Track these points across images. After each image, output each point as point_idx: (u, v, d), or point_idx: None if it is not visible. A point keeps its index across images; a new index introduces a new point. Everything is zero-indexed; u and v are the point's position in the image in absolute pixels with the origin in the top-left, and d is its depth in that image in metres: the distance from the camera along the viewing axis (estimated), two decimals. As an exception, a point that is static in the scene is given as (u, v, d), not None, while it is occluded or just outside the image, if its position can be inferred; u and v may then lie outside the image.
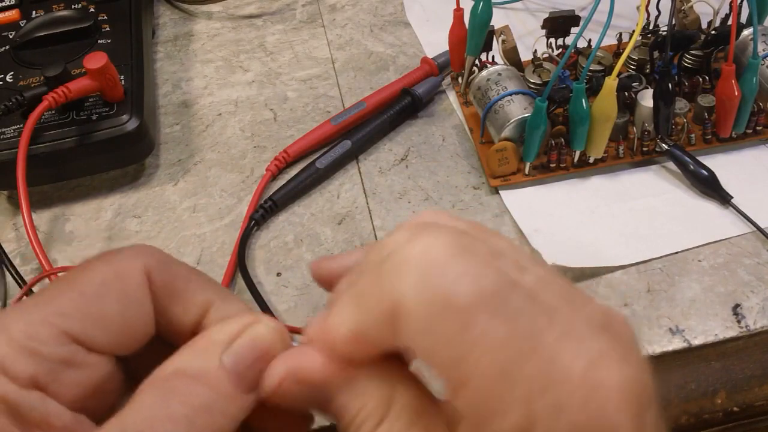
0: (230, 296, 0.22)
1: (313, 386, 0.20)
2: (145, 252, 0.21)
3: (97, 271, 0.20)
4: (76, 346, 0.19)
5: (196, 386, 0.19)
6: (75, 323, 0.19)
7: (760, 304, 0.32)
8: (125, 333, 0.21)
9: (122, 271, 0.21)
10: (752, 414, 0.30)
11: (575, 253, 0.35)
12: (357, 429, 0.19)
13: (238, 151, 0.42)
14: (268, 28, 0.50)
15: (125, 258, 0.21)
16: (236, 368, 0.19)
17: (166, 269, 0.21)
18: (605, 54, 0.41)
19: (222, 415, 0.19)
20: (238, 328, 0.20)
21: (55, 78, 0.37)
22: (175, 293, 0.21)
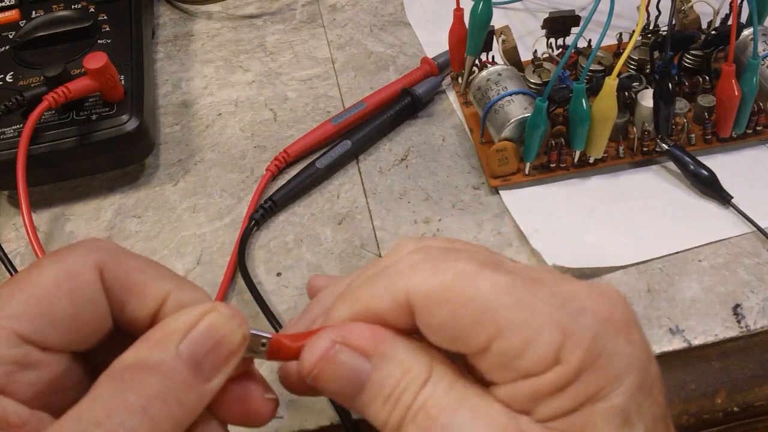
0: (187, 284, 0.22)
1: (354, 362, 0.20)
2: (97, 247, 0.21)
3: (47, 271, 0.20)
4: (29, 347, 0.20)
5: (151, 376, 0.19)
6: (26, 325, 0.20)
7: (760, 304, 0.32)
8: (79, 330, 0.21)
9: (73, 270, 0.21)
10: (752, 414, 0.30)
11: (575, 253, 0.35)
12: (401, 394, 0.20)
13: (238, 151, 0.42)
14: (268, 28, 0.50)
15: (76, 256, 0.21)
16: (193, 357, 0.20)
17: (118, 263, 0.21)
18: (605, 54, 0.41)
19: (178, 403, 0.19)
20: (193, 317, 0.20)
21: (55, 78, 0.37)
22: (130, 286, 0.21)
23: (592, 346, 0.19)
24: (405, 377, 0.20)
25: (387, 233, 0.37)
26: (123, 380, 0.19)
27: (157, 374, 0.19)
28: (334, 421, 0.30)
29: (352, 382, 0.21)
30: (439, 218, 0.37)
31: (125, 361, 0.19)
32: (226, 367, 0.20)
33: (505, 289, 0.19)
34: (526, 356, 0.19)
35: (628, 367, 0.19)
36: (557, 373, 0.19)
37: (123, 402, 0.18)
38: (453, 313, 0.20)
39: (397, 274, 0.21)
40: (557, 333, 0.19)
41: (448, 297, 0.20)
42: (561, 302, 0.19)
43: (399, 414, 0.20)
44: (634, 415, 0.19)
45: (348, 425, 0.30)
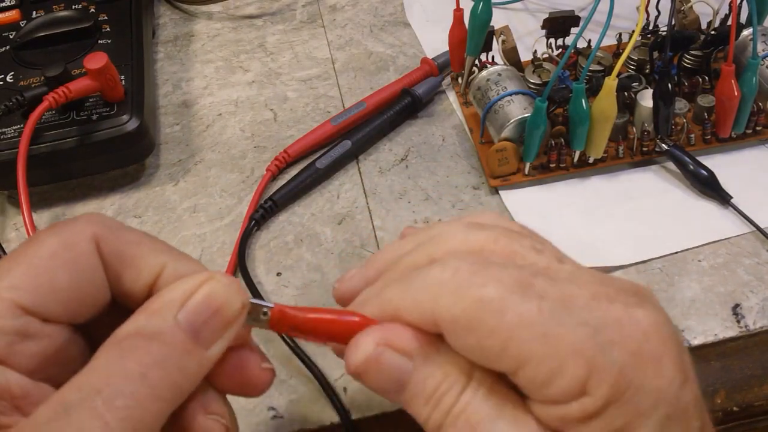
0: (183, 256, 0.22)
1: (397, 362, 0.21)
2: (94, 220, 0.22)
3: (45, 242, 0.21)
4: (30, 318, 0.20)
5: (150, 344, 0.19)
6: (26, 295, 0.20)
7: (759, 304, 0.32)
8: (78, 301, 0.21)
9: (70, 241, 0.21)
10: (752, 414, 0.30)
11: (575, 253, 0.34)
12: (441, 396, 0.20)
13: (239, 151, 0.42)
14: (268, 28, 0.50)
15: (73, 228, 0.21)
16: (192, 325, 0.20)
17: (115, 235, 0.22)
18: (605, 54, 0.41)
19: (178, 370, 0.19)
20: (192, 286, 0.20)
21: (55, 78, 0.37)
22: (126, 258, 0.22)
23: (618, 380, 0.19)
24: (446, 380, 0.20)
25: (387, 233, 0.37)
26: (121, 348, 0.19)
27: (156, 342, 0.19)
28: (334, 421, 0.30)
29: (394, 381, 0.21)
30: (439, 218, 0.37)
31: (124, 331, 0.20)
32: (226, 335, 0.21)
33: (531, 320, 0.19)
34: (552, 386, 0.19)
35: (656, 401, 0.19)
36: (583, 404, 0.19)
37: (122, 369, 0.18)
38: (478, 342, 0.20)
39: (425, 290, 0.21)
40: (583, 366, 0.19)
41: (474, 326, 0.20)
42: (589, 332, 0.19)
43: (439, 416, 0.20)
44: None
45: (348, 425, 0.30)
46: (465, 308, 0.20)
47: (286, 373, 0.32)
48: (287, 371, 0.32)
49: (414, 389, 0.21)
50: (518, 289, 0.20)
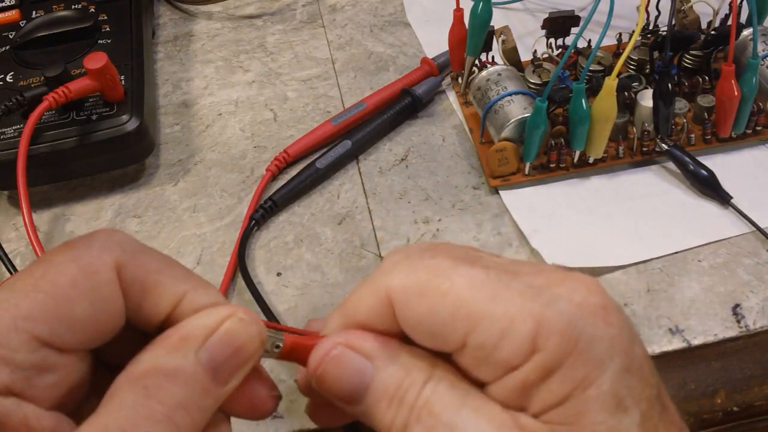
0: (203, 285, 0.22)
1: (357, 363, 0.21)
2: (114, 243, 0.21)
3: (64, 269, 0.20)
4: (48, 350, 0.19)
5: (174, 384, 0.19)
6: (45, 327, 0.19)
7: (759, 304, 0.32)
8: (96, 330, 0.20)
9: (91, 269, 0.20)
10: (752, 414, 0.30)
11: (575, 253, 0.35)
12: (404, 394, 0.20)
13: (238, 151, 0.42)
14: (268, 28, 0.50)
15: (94, 253, 0.20)
16: (212, 364, 0.20)
17: (136, 262, 0.21)
18: (605, 54, 0.41)
19: (198, 409, 0.19)
20: (213, 322, 0.20)
21: (55, 78, 0.37)
22: (147, 286, 0.21)
23: (568, 331, 0.19)
24: (407, 377, 0.20)
25: (387, 233, 0.37)
26: (146, 387, 0.19)
27: (179, 382, 0.19)
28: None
29: (355, 384, 0.21)
30: (439, 218, 0.37)
31: (144, 366, 0.19)
32: (243, 372, 0.21)
33: (479, 282, 0.20)
34: (503, 347, 0.19)
35: (610, 350, 0.19)
36: (537, 361, 0.19)
37: (148, 411, 0.18)
38: (430, 308, 0.20)
39: (379, 274, 0.21)
40: (531, 321, 0.19)
41: (425, 292, 0.20)
42: (535, 291, 0.19)
43: (404, 414, 0.20)
44: (627, 399, 0.19)
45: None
46: (417, 276, 0.20)
47: (286, 373, 0.32)
48: (287, 371, 0.32)
49: (376, 391, 0.21)
50: (467, 260, 0.20)
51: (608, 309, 0.19)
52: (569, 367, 0.19)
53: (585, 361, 0.19)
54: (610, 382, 0.19)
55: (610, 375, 0.19)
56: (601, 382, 0.18)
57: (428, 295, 0.20)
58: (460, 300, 0.20)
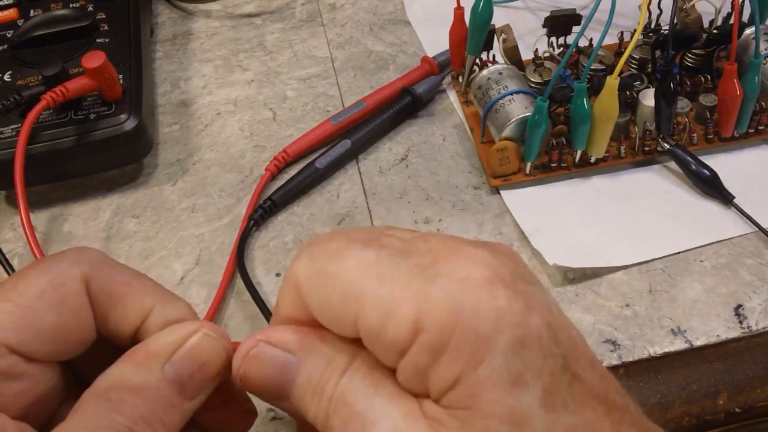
0: (171, 298, 0.23)
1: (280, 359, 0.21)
2: (83, 258, 0.22)
3: (33, 281, 0.20)
4: (15, 357, 0.20)
5: (137, 398, 0.19)
6: (12, 335, 0.20)
7: (762, 304, 0.32)
8: (65, 341, 0.21)
9: (59, 281, 0.21)
10: (754, 415, 0.30)
11: (576, 253, 0.34)
12: (325, 383, 0.20)
13: (237, 151, 0.42)
14: (267, 27, 0.50)
15: (62, 266, 0.21)
16: (178, 379, 0.20)
17: (104, 275, 0.22)
18: (606, 53, 0.41)
19: (162, 424, 0.19)
20: (179, 338, 0.21)
21: (53, 77, 0.37)
22: (115, 298, 0.22)
23: (448, 307, 0.18)
24: (327, 368, 0.20)
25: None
26: (109, 400, 0.19)
27: (143, 395, 0.19)
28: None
29: (279, 379, 0.21)
30: (439, 218, 0.37)
31: (110, 380, 0.20)
32: (210, 387, 0.21)
33: (368, 264, 0.19)
34: (388, 330, 0.18)
35: (497, 324, 0.18)
36: (422, 342, 0.18)
37: (110, 423, 0.18)
38: (324, 293, 0.20)
39: (292, 265, 0.21)
40: (412, 301, 0.18)
41: (320, 278, 0.20)
42: (420, 270, 0.19)
43: (324, 405, 0.20)
44: (526, 374, 0.18)
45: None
46: (314, 260, 0.20)
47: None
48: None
49: (301, 385, 0.20)
50: (362, 242, 0.20)
51: (494, 282, 0.18)
52: (455, 346, 0.18)
53: (470, 339, 0.18)
54: (502, 357, 0.17)
55: (502, 350, 0.17)
56: (491, 359, 0.17)
57: (323, 280, 0.20)
58: (348, 283, 0.19)
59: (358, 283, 0.19)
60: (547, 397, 0.18)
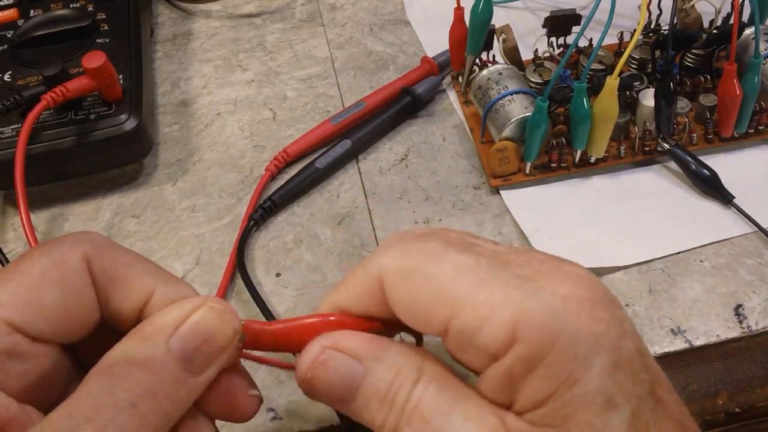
0: (173, 280, 0.22)
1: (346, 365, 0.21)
2: (85, 239, 0.21)
3: (35, 261, 0.21)
4: (19, 336, 0.20)
5: (141, 373, 0.19)
6: (16, 313, 0.20)
7: (762, 304, 0.32)
8: (68, 321, 0.21)
9: (61, 260, 0.21)
10: (754, 415, 0.30)
11: (576, 253, 0.34)
12: (394, 395, 0.20)
13: (237, 151, 0.42)
14: (267, 27, 0.50)
15: (64, 246, 0.21)
16: (183, 352, 0.20)
17: (105, 255, 0.21)
18: (606, 53, 0.41)
19: (168, 399, 0.19)
20: (184, 312, 0.20)
21: (53, 77, 0.37)
22: (116, 279, 0.21)
23: (549, 324, 0.18)
24: (397, 377, 0.20)
25: (387, 233, 0.37)
26: (112, 376, 0.19)
27: (147, 370, 0.19)
28: (333, 423, 0.30)
29: (345, 386, 0.21)
30: (439, 218, 0.37)
31: (114, 356, 0.19)
32: (217, 362, 0.21)
33: (467, 269, 0.20)
34: (483, 334, 0.19)
35: (596, 346, 0.18)
36: (517, 352, 0.18)
37: (112, 398, 0.18)
38: (415, 290, 0.20)
39: (373, 256, 0.21)
40: (511, 310, 0.18)
41: (412, 275, 0.20)
42: (521, 282, 0.19)
43: (395, 416, 0.20)
44: (617, 396, 0.18)
45: (347, 427, 0.29)
46: (407, 258, 0.20)
47: (285, 374, 0.31)
48: (286, 372, 0.31)
49: (367, 392, 0.21)
50: (460, 247, 0.20)
51: (595, 303, 0.19)
52: (552, 363, 0.18)
53: (569, 358, 0.18)
54: (597, 379, 0.18)
55: (598, 372, 0.18)
56: (587, 380, 0.18)
57: (415, 278, 0.20)
58: (444, 284, 0.20)
59: (456, 285, 0.19)
60: (635, 421, 0.18)
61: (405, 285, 0.20)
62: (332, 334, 0.21)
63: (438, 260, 0.20)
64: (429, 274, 0.20)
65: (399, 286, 0.20)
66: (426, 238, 0.21)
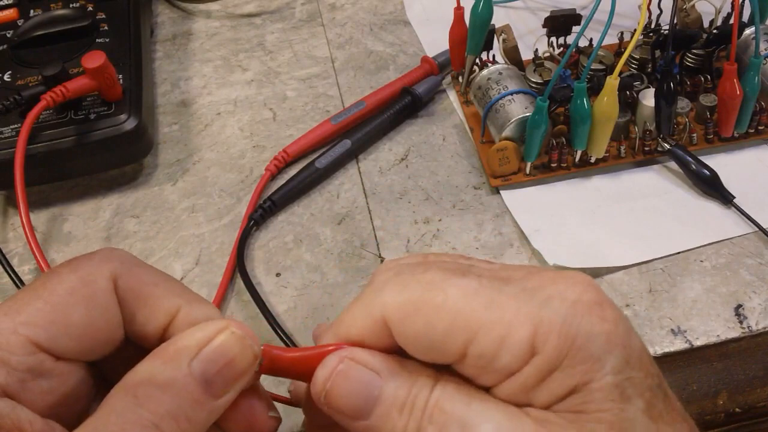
0: (198, 300, 0.23)
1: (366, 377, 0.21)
2: (112, 257, 0.22)
3: (63, 278, 0.21)
4: (44, 355, 0.20)
5: (164, 394, 0.19)
6: (42, 332, 0.20)
7: (762, 304, 0.32)
8: (93, 339, 0.21)
9: (88, 279, 0.21)
10: (754, 415, 0.30)
11: (576, 253, 0.34)
12: (414, 400, 0.20)
13: (237, 151, 0.42)
14: (267, 26, 0.50)
15: (92, 264, 0.21)
16: (205, 375, 0.20)
17: (132, 274, 0.22)
18: (606, 53, 0.41)
19: (188, 420, 0.20)
20: (206, 335, 0.21)
21: (53, 77, 0.37)
22: (142, 298, 0.22)
23: (564, 329, 0.19)
24: (416, 384, 0.21)
25: (387, 233, 0.37)
26: (136, 396, 0.19)
27: (170, 391, 0.19)
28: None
29: (365, 396, 0.21)
30: (439, 218, 0.37)
31: (138, 376, 0.20)
32: (237, 385, 0.21)
33: (474, 292, 0.20)
34: (503, 355, 0.19)
35: (608, 344, 0.19)
36: (536, 364, 0.19)
37: (137, 418, 0.19)
38: (427, 323, 0.20)
39: (371, 294, 0.21)
40: (528, 325, 0.19)
41: (420, 308, 0.20)
42: (529, 295, 0.19)
43: (416, 417, 0.20)
44: (629, 390, 0.19)
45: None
46: (410, 292, 0.20)
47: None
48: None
49: (386, 402, 0.21)
50: (458, 272, 0.21)
51: (603, 305, 0.19)
52: (568, 365, 0.19)
53: (584, 359, 0.19)
54: (612, 375, 0.19)
55: (611, 369, 0.19)
56: (601, 376, 0.19)
57: (424, 310, 0.20)
58: (455, 311, 0.20)
59: (467, 311, 0.19)
60: (650, 410, 0.19)
61: (413, 320, 0.20)
62: (348, 349, 0.22)
63: (442, 289, 0.20)
64: (437, 305, 0.20)
65: (407, 322, 0.20)
66: (423, 268, 0.21)
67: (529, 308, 0.19)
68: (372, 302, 0.21)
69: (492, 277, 0.20)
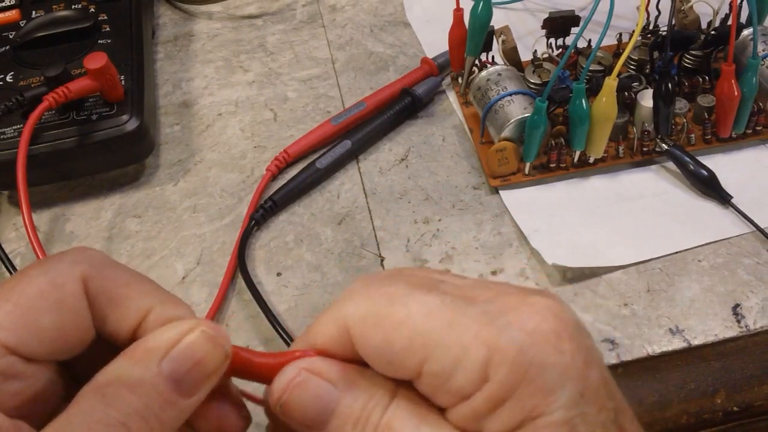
0: (170, 300, 0.23)
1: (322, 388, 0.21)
2: (82, 258, 0.22)
3: (33, 281, 0.21)
4: (13, 357, 0.20)
5: (132, 393, 0.19)
6: (12, 336, 0.20)
7: (759, 304, 0.32)
8: (63, 341, 0.21)
9: (58, 280, 0.21)
10: (752, 414, 0.30)
11: (575, 253, 0.35)
12: (368, 416, 0.20)
13: (239, 151, 0.42)
14: (268, 28, 0.50)
15: (62, 266, 0.21)
16: (174, 375, 0.20)
17: (103, 275, 0.22)
18: (605, 54, 0.41)
19: (158, 420, 0.19)
20: (176, 335, 0.21)
21: (55, 78, 0.37)
22: (113, 299, 0.22)
23: (518, 359, 0.18)
24: (371, 400, 0.20)
25: (387, 233, 0.37)
26: (105, 395, 0.19)
27: (139, 391, 0.19)
28: None
29: (320, 408, 0.21)
30: (439, 218, 0.37)
31: (107, 376, 0.20)
32: (207, 384, 0.21)
33: (435, 309, 0.19)
34: (457, 376, 0.19)
35: (561, 377, 0.18)
36: (486, 391, 0.19)
37: (104, 417, 0.18)
38: (385, 337, 0.20)
39: (338, 303, 0.21)
40: (483, 350, 0.18)
41: (380, 321, 0.20)
42: (489, 318, 0.19)
43: None
44: (580, 427, 0.18)
45: None
46: (373, 304, 0.20)
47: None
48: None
49: (342, 415, 0.21)
50: (424, 287, 0.20)
51: (560, 335, 0.19)
52: (519, 396, 0.18)
53: (535, 391, 0.18)
54: (562, 411, 0.18)
55: (563, 403, 0.18)
56: (552, 411, 0.18)
57: (383, 325, 0.20)
58: (414, 329, 0.19)
59: (426, 329, 0.19)
60: None
61: (373, 333, 0.20)
62: (307, 360, 0.22)
63: (404, 304, 0.20)
64: (397, 320, 0.20)
65: (367, 334, 0.20)
66: (390, 281, 0.21)
67: (487, 333, 0.19)
68: (338, 311, 0.21)
69: (457, 296, 0.20)
